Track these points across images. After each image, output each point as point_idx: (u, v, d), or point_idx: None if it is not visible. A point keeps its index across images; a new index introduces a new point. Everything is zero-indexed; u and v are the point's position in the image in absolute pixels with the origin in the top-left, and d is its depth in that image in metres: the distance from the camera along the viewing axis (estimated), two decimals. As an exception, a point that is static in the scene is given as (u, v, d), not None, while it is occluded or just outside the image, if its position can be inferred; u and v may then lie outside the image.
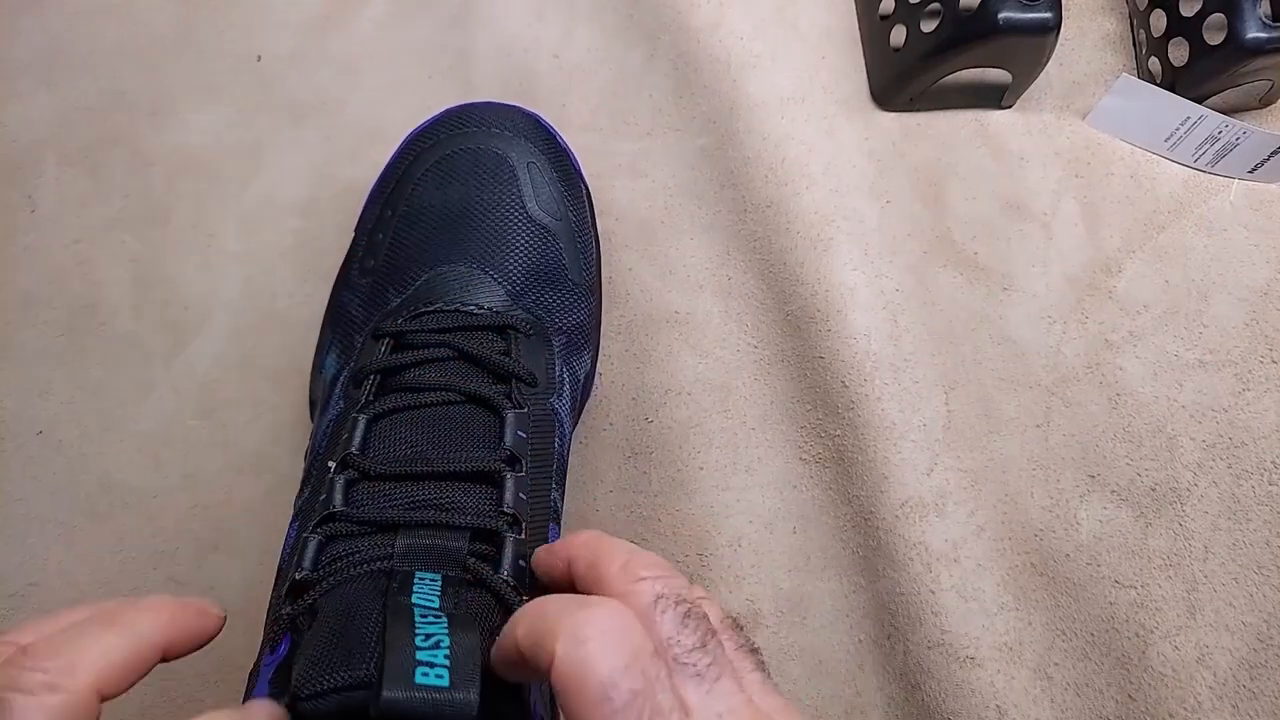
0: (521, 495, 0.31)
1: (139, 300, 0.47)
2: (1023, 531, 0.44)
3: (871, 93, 0.51)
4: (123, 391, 0.45)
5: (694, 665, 0.21)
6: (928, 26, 0.46)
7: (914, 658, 0.42)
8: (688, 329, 0.47)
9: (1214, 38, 0.45)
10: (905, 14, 0.47)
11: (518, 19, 0.52)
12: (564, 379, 0.37)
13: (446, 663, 0.23)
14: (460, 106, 0.40)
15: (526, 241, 0.38)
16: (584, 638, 0.20)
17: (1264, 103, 0.50)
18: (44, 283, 0.47)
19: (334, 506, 0.30)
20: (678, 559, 0.43)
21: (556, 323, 0.38)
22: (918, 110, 0.50)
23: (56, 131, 0.49)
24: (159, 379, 0.45)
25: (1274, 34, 0.43)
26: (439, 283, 0.36)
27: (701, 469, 0.45)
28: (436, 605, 0.26)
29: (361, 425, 0.32)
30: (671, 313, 0.47)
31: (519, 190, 0.38)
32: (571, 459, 0.45)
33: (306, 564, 0.29)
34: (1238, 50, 0.44)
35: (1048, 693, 0.42)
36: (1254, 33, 0.43)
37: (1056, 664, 0.42)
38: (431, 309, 0.35)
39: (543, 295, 0.38)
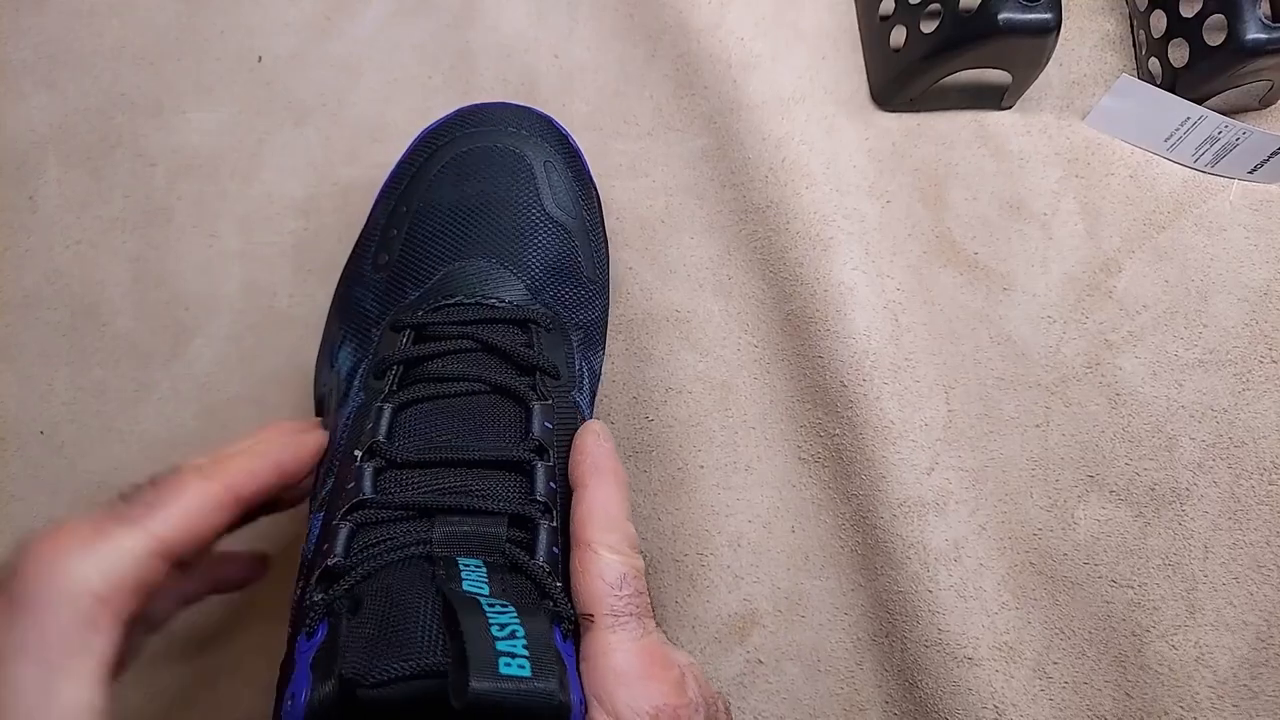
0: (552, 484, 0.31)
1: (140, 300, 0.47)
2: (1022, 531, 0.44)
3: (871, 93, 0.51)
4: (124, 392, 0.45)
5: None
6: (928, 27, 0.46)
7: (912, 656, 0.42)
8: (688, 328, 0.47)
9: (1214, 38, 0.45)
10: (905, 14, 0.47)
11: (518, 19, 0.52)
12: (584, 373, 0.38)
13: (526, 653, 0.23)
14: (473, 106, 0.40)
15: (545, 238, 0.38)
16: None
17: (1264, 103, 0.50)
18: (45, 283, 0.47)
19: (364, 494, 0.30)
20: (677, 558, 0.44)
21: (574, 318, 0.38)
22: (918, 110, 0.50)
23: (58, 132, 0.49)
24: (160, 379, 0.45)
25: (1274, 35, 0.43)
26: (458, 277, 0.36)
27: (701, 468, 0.45)
28: (487, 592, 0.26)
29: (387, 414, 0.32)
30: (672, 311, 0.47)
31: (536, 188, 0.38)
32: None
33: (339, 550, 0.29)
34: (1238, 51, 0.44)
35: (1046, 691, 0.42)
36: (1254, 34, 0.43)
37: (1055, 662, 0.42)
38: (452, 302, 0.35)
39: (561, 291, 0.38)
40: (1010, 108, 0.50)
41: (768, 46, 0.51)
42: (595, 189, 0.42)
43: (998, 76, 0.48)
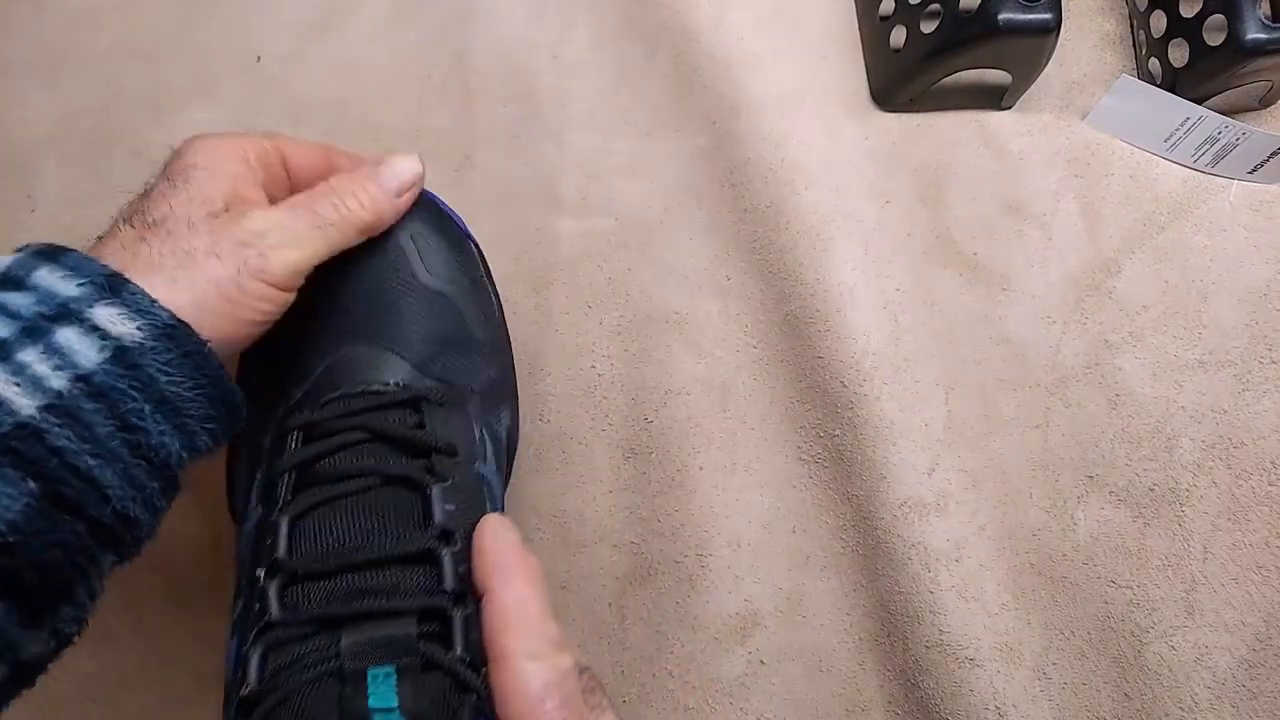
0: (461, 569, 0.30)
1: (139, 300, 0.46)
2: (1021, 531, 0.44)
3: (871, 93, 0.51)
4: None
5: (592, 703, 0.29)
6: (927, 27, 0.46)
7: (913, 656, 0.42)
8: (687, 329, 0.47)
9: (1214, 39, 0.45)
10: (905, 15, 0.47)
11: (517, 19, 0.52)
12: (485, 441, 0.36)
13: None
14: None
15: (424, 310, 0.36)
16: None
17: (1264, 103, 0.50)
18: (44, 282, 0.47)
19: (270, 615, 0.29)
20: (677, 559, 0.44)
21: (469, 385, 0.37)
22: (918, 110, 0.50)
23: (56, 131, 0.49)
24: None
25: (1274, 35, 0.43)
26: (340, 367, 0.35)
27: (701, 469, 0.45)
28: (394, 704, 0.26)
29: (284, 528, 0.31)
30: (670, 313, 0.47)
31: (408, 262, 0.37)
32: (571, 459, 0.45)
33: (251, 679, 0.28)
34: (1237, 51, 0.44)
35: (1045, 692, 0.42)
36: (1254, 34, 0.43)
37: (1054, 663, 0.42)
38: (337, 394, 0.34)
39: (449, 360, 0.36)
40: (1010, 108, 0.50)
41: (768, 46, 0.51)
42: (473, 244, 0.40)
43: (998, 76, 0.48)
